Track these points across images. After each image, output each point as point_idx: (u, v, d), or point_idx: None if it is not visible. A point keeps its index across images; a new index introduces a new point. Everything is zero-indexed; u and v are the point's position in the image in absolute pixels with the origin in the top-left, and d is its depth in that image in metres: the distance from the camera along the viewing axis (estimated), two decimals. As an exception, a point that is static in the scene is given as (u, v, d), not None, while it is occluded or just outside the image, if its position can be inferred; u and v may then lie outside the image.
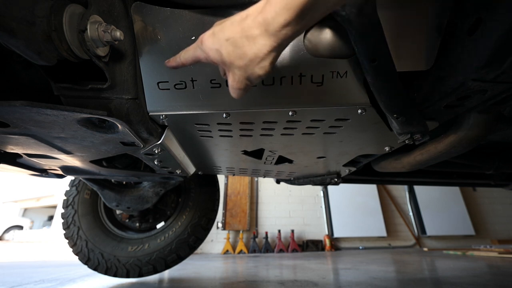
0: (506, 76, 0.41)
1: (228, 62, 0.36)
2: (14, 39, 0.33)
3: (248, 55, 0.34)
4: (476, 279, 1.46)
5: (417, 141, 0.58)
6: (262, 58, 0.34)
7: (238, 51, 0.34)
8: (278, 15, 0.29)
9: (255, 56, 0.33)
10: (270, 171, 1.06)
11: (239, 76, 0.36)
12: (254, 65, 0.34)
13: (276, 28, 0.31)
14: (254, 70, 0.35)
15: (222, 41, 0.35)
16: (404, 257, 2.95)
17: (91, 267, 1.30)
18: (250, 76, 0.36)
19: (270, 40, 0.32)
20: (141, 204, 1.23)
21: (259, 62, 0.34)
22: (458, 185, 1.40)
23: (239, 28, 0.33)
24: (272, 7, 0.30)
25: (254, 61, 0.34)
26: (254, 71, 0.35)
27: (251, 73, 0.35)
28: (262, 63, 0.34)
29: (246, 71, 0.35)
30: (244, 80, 0.37)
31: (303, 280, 1.48)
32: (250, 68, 0.35)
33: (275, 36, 0.31)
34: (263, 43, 0.32)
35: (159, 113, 0.58)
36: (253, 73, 0.35)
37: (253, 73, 0.35)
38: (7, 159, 0.74)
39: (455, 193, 4.97)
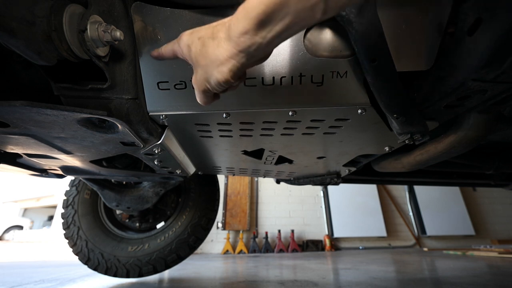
0: (506, 76, 0.41)
1: (194, 59, 0.37)
2: (14, 39, 0.33)
3: (210, 55, 0.35)
4: (476, 279, 1.46)
5: (417, 141, 0.58)
6: (221, 62, 0.34)
7: (203, 50, 0.35)
8: (238, 22, 0.30)
9: (215, 57, 0.34)
10: (270, 171, 1.06)
11: (200, 76, 0.37)
12: (214, 67, 0.35)
13: (235, 34, 0.31)
14: (213, 73, 0.36)
15: (195, 39, 0.36)
16: (404, 257, 2.96)
17: (91, 267, 1.30)
18: (208, 78, 0.37)
19: (230, 46, 0.33)
20: (141, 204, 1.23)
21: (218, 66, 0.35)
22: (458, 185, 1.40)
23: (211, 30, 0.35)
24: (236, 15, 0.31)
25: (214, 62, 0.35)
26: (213, 74, 0.36)
27: (210, 75, 0.36)
28: (221, 67, 0.35)
29: (206, 72, 0.36)
30: (203, 82, 0.38)
31: (303, 280, 1.48)
32: (210, 70, 0.36)
33: (235, 42, 0.32)
34: (225, 47, 0.33)
35: (159, 113, 0.58)
36: (211, 76, 0.36)
37: (212, 75, 0.36)
38: (7, 159, 0.74)
39: (455, 193, 4.97)
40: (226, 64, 0.34)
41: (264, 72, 0.50)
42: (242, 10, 0.30)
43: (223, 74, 0.35)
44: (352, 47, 0.46)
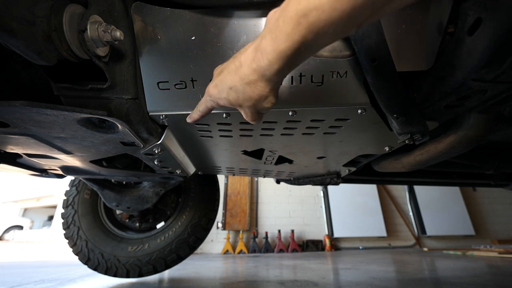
0: (506, 76, 0.41)
1: (237, 105, 0.40)
2: (14, 39, 0.33)
3: (253, 97, 0.37)
4: (476, 279, 1.46)
5: (417, 141, 0.58)
6: (266, 97, 0.37)
7: (244, 96, 0.38)
8: (272, 64, 0.31)
9: (260, 97, 0.37)
10: (270, 171, 1.06)
11: (251, 113, 0.41)
12: (261, 103, 0.38)
13: (272, 74, 0.33)
14: (262, 106, 0.39)
15: (226, 90, 0.39)
16: (404, 257, 2.95)
17: (91, 267, 1.30)
18: (260, 110, 0.40)
19: (269, 83, 0.35)
20: (141, 204, 1.23)
21: (265, 100, 0.38)
22: (458, 185, 1.40)
23: (238, 77, 0.36)
24: (265, 57, 0.31)
25: (260, 100, 0.38)
26: (263, 106, 0.39)
27: (260, 108, 0.40)
28: (267, 99, 0.38)
29: (255, 108, 0.40)
30: (255, 114, 0.41)
31: (303, 280, 1.48)
32: (259, 106, 0.39)
33: (272, 80, 0.35)
34: (263, 85, 0.35)
35: (159, 113, 0.58)
36: (262, 108, 0.40)
37: (262, 108, 0.39)
38: (7, 159, 0.74)
39: (455, 193, 4.97)
40: (270, 95, 0.37)
41: (264, 72, 0.50)
42: (271, 52, 0.30)
43: (271, 102, 0.39)
44: (352, 47, 0.46)
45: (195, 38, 0.48)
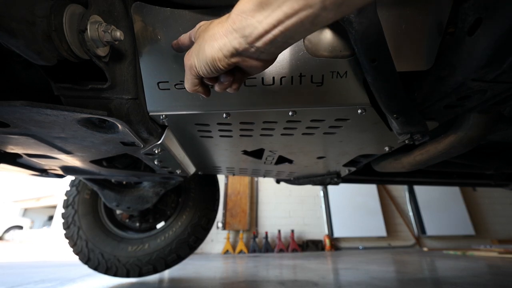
0: (506, 76, 0.41)
1: (196, 36, 0.39)
2: (14, 39, 0.33)
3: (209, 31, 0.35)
4: (476, 279, 1.46)
5: (417, 141, 0.58)
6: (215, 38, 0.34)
7: (207, 28, 0.36)
8: (241, 1, 0.31)
9: (212, 33, 0.35)
10: (270, 171, 1.06)
11: (192, 50, 0.38)
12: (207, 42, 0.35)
13: (234, 12, 0.32)
14: (204, 48, 0.35)
15: (207, 22, 0.38)
16: (404, 257, 2.95)
17: (91, 267, 1.30)
18: (198, 53, 0.37)
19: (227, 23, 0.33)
20: (141, 204, 1.23)
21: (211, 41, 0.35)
22: (458, 185, 1.40)
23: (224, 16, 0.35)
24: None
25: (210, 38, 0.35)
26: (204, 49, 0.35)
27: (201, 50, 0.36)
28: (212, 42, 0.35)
29: (199, 46, 0.36)
30: (192, 56, 0.38)
31: (303, 280, 1.48)
32: (203, 44, 0.36)
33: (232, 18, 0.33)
34: (223, 25, 0.34)
35: (159, 113, 0.58)
36: (202, 51, 0.36)
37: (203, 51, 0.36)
38: (7, 159, 0.74)
39: (455, 193, 4.97)
40: (218, 41, 0.33)
41: (264, 72, 0.50)
42: None
43: (212, 50, 0.34)
44: (352, 47, 0.46)
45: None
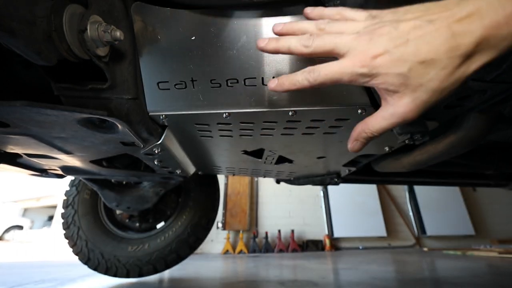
0: (506, 76, 0.41)
1: (412, 86, 0.29)
2: (14, 39, 0.33)
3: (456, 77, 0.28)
4: (476, 279, 1.46)
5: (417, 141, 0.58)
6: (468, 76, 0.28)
7: (441, 75, 0.27)
8: None
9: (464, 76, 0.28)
10: (270, 171, 1.06)
11: (424, 101, 0.30)
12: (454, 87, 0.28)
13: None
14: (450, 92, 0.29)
15: (413, 64, 0.28)
16: (404, 257, 2.95)
17: (91, 267, 1.30)
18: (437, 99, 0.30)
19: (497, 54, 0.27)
20: (141, 204, 1.23)
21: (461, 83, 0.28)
22: (458, 185, 1.40)
23: (446, 47, 0.26)
24: None
25: (458, 82, 0.28)
26: (449, 93, 0.29)
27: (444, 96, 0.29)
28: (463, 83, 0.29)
29: (439, 94, 0.29)
30: (424, 105, 0.30)
31: (303, 280, 1.48)
32: (447, 91, 0.29)
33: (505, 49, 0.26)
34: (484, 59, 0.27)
35: (159, 113, 0.58)
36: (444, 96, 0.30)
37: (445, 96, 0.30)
38: (7, 159, 0.74)
39: (455, 193, 4.97)
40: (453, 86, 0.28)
41: (264, 72, 0.50)
42: None
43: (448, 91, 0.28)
44: (352, 47, 0.46)
45: (195, 38, 0.48)
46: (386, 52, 0.28)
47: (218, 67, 0.50)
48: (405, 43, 0.28)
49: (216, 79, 0.52)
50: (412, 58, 0.28)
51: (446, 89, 0.28)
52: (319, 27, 0.35)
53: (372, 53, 0.29)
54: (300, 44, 0.34)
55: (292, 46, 0.35)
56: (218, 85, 0.52)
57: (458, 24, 0.26)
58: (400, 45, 0.28)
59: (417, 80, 0.28)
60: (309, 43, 0.33)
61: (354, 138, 0.38)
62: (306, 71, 0.35)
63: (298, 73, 0.35)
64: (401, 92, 0.30)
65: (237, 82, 0.52)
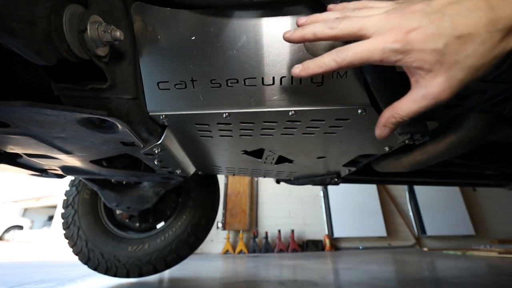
0: (506, 76, 0.41)
1: (451, 62, 0.28)
2: (14, 39, 0.33)
3: (495, 53, 0.26)
4: (476, 279, 1.46)
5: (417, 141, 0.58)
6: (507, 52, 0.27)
7: (478, 51, 0.26)
8: None
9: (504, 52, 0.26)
10: (270, 171, 1.06)
11: (459, 80, 0.28)
12: (492, 65, 0.27)
13: None
14: (486, 70, 0.28)
15: (449, 38, 0.26)
16: (404, 257, 2.96)
17: (91, 267, 1.30)
18: (473, 78, 0.29)
19: None
20: (141, 204, 1.23)
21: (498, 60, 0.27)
22: (458, 185, 1.40)
23: (485, 20, 0.25)
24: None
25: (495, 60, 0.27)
26: (485, 72, 0.28)
27: (481, 74, 0.28)
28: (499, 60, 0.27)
29: (476, 72, 0.28)
30: (459, 84, 0.29)
31: (303, 280, 1.48)
32: (484, 68, 0.28)
33: None
34: None
35: (159, 113, 0.58)
36: (480, 74, 0.28)
37: (481, 74, 0.28)
38: (7, 159, 0.74)
39: (455, 193, 4.97)
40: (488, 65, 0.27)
41: (264, 72, 0.50)
42: None
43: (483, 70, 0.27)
44: (352, 47, 0.46)
45: (195, 38, 0.48)
46: (421, 27, 0.27)
47: (218, 67, 0.50)
48: (441, 17, 0.27)
49: (216, 79, 0.52)
50: (449, 33, 0.26)
51: (484, 66, 0.27)
52: (345, 14, 0.34)
53: (405, 28, 0.28)
54: (326, 27, 0.33)
55: (317, 31, 0.33)
56: (218, 85, 0.52)
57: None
58: (435, 20, 0.27)
59: (453, 56, 0.27)
60: (335, 25, 0.32)
61: (383, 124, 0.36)
62: (333, 52, 0.33)
63: (325, 55, 0.34)
64: (435, 71, 0.28)
65: (237, 82, 0.52)
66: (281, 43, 0.48)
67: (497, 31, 0.25)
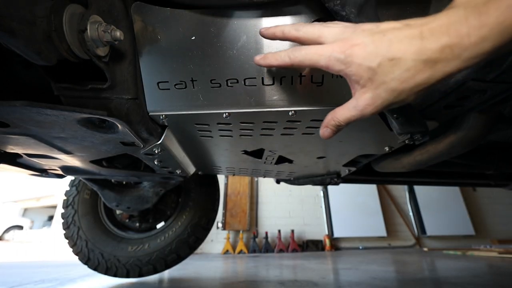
0: (506, 76, 0.41)
1: (377, 82, 0.31)
2: (14, 39, 0.33)
3: (418, 82, 0.29)
4: (476, 279, 1.46)
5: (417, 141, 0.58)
6: (427, 87, 0.29)
7: (406, 75, 0.29)
8: (485, 40, 0.25)
9: (426, 84, 0.29)
10: (270, 171, 1.06)
11: (382, 99, 0.32)
12: (412, 93, 0.30)
13: (473, 56, 0.26)
14: (407, 97, 0.31)
15: (381, 60, 0.29)
16: (404, 257, 2.95)
17: (91, 267, 1.30)
18: (394, 100, 0.32)
19: (455, 68, 0.28)
20: (141, 204, 1.23)
21: (419, 92, 0.30)
22: (458, 185, 1.40)
23: (413, 49, 0.28)
24: (475, 31, 0.25)
25: (417, 89, 0.30)
26: (406, 98, 0.31)
27: (402, 99, 0.31)
28: (422, 92, 0.30)
29: (397, 96, 0.31)
30: (381, 103, 0.32)
31: (303, 280, 1.48)
32: (405, 94, 0.30)
33: (465, 65, 0.27)
34: (448, 69, 0.28)
35: (159, 113, 0.58)
36: (401, 99, 0.31)
37: (403, 99, 0.31)
38: (7, 159, 0.74)
39: (455, 193, 4.97)
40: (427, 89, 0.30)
41: (264, 72, 0.50)
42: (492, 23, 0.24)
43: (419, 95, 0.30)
44: (352, 47, 0.46)
45: (195, 38, 0.48)
46: (364, 44, 0.31)
47: (218, 67, 0.50)
48: (381, 38, 0.30)
49: (216, 79, 0.52)
50: (383, 53, 0.29)
51: (405, 92, 0.30)
52: (314, 24, 0.38)
53: (351, 42, 0.31)
54: (293, 28, 0.37)
55: (286, 30, 0.38)
56: (218, 85, 0.52)
57: (429, 30, 0.27)
58: (376, 40, 0.30)
59: (382, 77, 0.30)
60: (300, 28, 0.37)
61: (324, 125, 0.40)
62: (290, 50, 0.37)
63: (283, 50, 0.38)
64: (366, 87, 0.32)
65: (237, 82, 0.52)
66: (281, 43, 0.48)
67: (422, 61, 0.28)
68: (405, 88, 0.30)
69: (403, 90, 0.30)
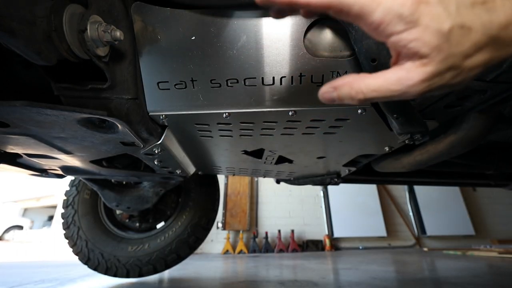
0: (506, 76, 0.41)
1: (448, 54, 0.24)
2: (14, 39, 0.33)
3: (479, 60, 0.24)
4: (476, 279, 1.46)
5: (417, 141, 0.58)
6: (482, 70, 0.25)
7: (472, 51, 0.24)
8: None
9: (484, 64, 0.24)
10: (270, 171, 1.06)
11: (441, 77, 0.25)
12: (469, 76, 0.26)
13: None
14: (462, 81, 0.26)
15: (455, 25, 0.23)
16: (404, 257, 2.95)
17: (91, 267, 1.30)
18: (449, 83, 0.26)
19: None
20: (141, 204, 1.23)
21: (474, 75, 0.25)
22: (458, 185, 1.40)
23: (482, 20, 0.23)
24: None
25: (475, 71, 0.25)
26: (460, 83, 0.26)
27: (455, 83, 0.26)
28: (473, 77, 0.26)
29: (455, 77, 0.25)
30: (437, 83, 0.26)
31: (303, 280, 1.48)
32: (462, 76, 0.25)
33: None
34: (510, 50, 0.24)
35: (159, 113, 0.58)
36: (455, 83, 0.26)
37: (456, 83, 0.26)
38: (7, 159, 0.74)
39: (455, 193, 4.97)
40: None
41: (264, 72, 0.50)
42: None
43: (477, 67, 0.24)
44: (352, 47, 0.46)
45: (195, 38, 0.48)
46: (431, 2, 0.23)
47: (218, 67, 0.50)
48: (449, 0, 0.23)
49: (216, 79, 0.52)
50: (454, 17, 0.23)
51: (464, 72, 0.25)
52: None
53: None
54: None
55: None
56: (218, 85, 0.52)
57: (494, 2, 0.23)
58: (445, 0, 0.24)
59: (452, 48, 0.24)
60: None
61: (334, 86, 0.30)
62: None
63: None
64: (429, 57, 0.24)
65: (237, 82, 0.52)
66: (281, 43, 0.48)
67: (489, 37, 0.23)
68: (466, 67, 0.24)
69: (463, 70, 0.24)
